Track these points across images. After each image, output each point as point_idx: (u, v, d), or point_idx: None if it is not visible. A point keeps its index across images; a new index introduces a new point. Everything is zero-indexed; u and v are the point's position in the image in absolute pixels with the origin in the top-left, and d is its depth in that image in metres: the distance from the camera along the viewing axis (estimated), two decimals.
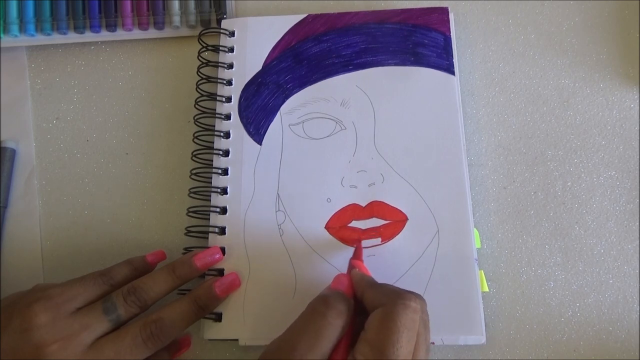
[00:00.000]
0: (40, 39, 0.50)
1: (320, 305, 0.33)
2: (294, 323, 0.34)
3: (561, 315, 0.41)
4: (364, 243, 0.41)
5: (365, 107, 0.45)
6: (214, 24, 0.50)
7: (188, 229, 0.43)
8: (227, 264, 0.41)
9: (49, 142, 0.48)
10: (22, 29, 0.49)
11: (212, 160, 0.44)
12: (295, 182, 0.43)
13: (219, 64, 0.47)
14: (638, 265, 0.42)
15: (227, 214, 0.43)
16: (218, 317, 0.40)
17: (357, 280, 0.35)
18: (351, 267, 0.37)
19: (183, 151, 0.47)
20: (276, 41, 0.47)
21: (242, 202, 0.43)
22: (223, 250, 0.42)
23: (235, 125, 0.45)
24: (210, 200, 0.43)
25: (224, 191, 0.43)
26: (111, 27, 0.49)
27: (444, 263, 0.40)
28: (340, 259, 0.41)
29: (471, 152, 0.45)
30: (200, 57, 0.47)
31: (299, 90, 0.46)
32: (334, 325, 0.32)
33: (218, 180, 0.44)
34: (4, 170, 0.46)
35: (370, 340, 0.31)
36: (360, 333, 0.32)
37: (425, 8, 0.47)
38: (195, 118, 0.45)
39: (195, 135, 0.45)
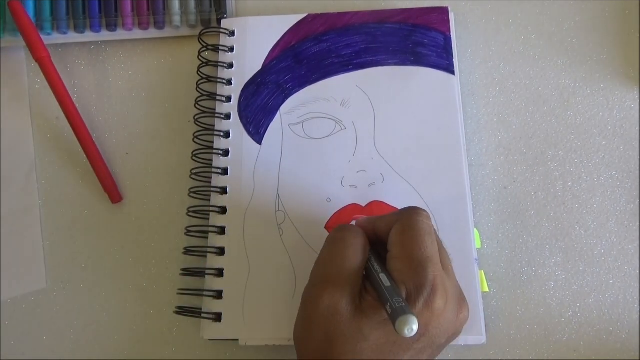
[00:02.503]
0: None
1: (335, 232, 0.35)
2: (317, 258, 0.35)
3: (561, 315, 0.41)
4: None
5: (365, 106, 0.45)
6: (214, 24, 0.50)
7: (188, 228, 0.42)
8: (226, 264, 0.41)
9: (49, 142, 0.48)
10: None
11: (212, 160, 0.44)
12: (295, 182, 0.43)
13: (219, 64, 0.47)
14: (638, 266, 0.42)
15: (227, 213, 0.43)
16: (218, 317, 0.40)
17: (364, 221, 0.37)
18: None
19: (183, 151, 0.47)
20: (276, 41, 0.47)
21: (242, 202, 0.43)
22: (223, 250, 0.42)
23: (235, 125, 0.45)
24: (210, 200, 0.43)
25: (224, 191, 0.43)
26: (111, 26, 0.49)
27: None
28: None
29: (471, 152, 0.45)
30: (200, 57, 0.47)
31: (299, 90, 0.46)
32: (355, 244, 0.33)
33: (218, 180, 0.44)
34: None
35: (397, 254, 0.32)
36: (387, 257, 0.33)
37: (425, 8, 0.47)
38: (195, 118, 0.45)
39: (195, 135, 0.45)
